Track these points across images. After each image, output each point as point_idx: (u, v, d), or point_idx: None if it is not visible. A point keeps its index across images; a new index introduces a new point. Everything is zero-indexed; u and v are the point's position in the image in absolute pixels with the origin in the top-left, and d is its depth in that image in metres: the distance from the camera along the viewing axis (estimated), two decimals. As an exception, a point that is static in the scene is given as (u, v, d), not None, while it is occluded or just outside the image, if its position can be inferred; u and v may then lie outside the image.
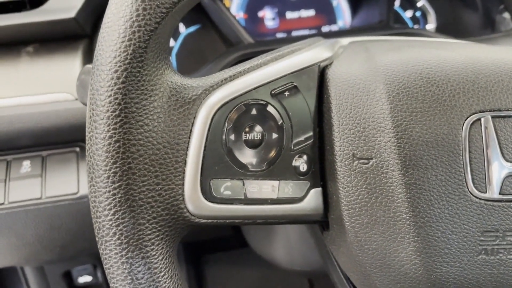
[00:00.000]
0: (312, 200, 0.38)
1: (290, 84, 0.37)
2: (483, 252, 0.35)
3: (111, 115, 0.32)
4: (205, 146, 0.36)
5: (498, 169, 0.35)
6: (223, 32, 0.78)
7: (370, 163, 0.35)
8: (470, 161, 0.35)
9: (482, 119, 0.35)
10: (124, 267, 0.34)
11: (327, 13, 0.88)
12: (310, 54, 0.39)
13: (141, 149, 0.33)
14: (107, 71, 0.32)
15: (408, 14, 0.88)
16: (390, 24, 0.78)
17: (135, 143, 0.33)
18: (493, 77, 0.36)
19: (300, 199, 0.38)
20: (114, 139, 0.32)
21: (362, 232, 0.36)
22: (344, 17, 0.88)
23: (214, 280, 1.21)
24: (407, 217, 0.35)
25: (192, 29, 0.82)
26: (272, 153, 0.37)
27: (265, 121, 0.37)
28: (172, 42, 0.82)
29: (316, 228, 0.46)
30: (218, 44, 0.82)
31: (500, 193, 0.35)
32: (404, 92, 0.35)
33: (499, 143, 0.35)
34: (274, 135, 0.37)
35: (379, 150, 0.35)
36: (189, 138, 0.35)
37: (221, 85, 0.36)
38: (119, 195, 0.33)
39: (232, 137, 0.36)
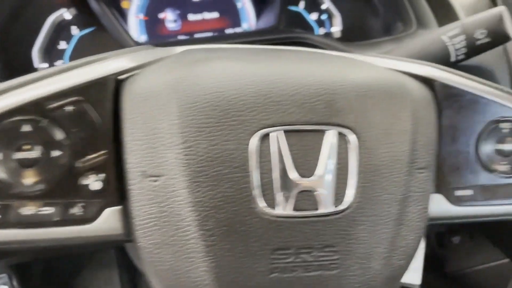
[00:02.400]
0: (108, 219, 0.36)
1: (75, 98, 0.35)
2: (276, 270, 0.34)
3: None
4: None
5: (290, 185, 0.34)
6: (113, 36, 0.76)
7: (160, 181, 0.34)
8: (260, 177, 0.34)
9: (274, 134, 0.34)
10: None
11: (232, 15, 0.86)
12: (105, 65, 0.37)
13: None
14: None
15: (313, 17, 0.88)
16: (280, 28, 0.77)
17: None
18: (288, 91, 0.35)
19: (91, 219, 0.36)
20: None
21: (154, 253, 0.35)
22: (249, 19, 0.87)
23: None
24: (197, 236, 0.34)
25: (86, 31, 0.80)
26: (54, 172, 0.35)
27: (42, 138, 0.35)
28: (64, 45, 0.79)
29: None
30: (114, 47, 0.79)
31: (293, 209, 0.34)
32: (193, 107, 0.34)
33: (292, 158, 0.34)
34: (56, 153, 0.35)
35: (168, 167, 0.34)
36: None
37: None
38: None
39: (0, 156, 0.34)
